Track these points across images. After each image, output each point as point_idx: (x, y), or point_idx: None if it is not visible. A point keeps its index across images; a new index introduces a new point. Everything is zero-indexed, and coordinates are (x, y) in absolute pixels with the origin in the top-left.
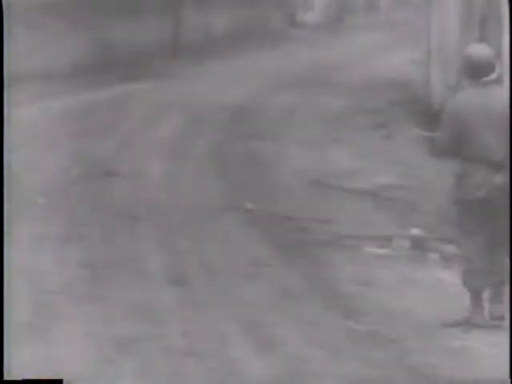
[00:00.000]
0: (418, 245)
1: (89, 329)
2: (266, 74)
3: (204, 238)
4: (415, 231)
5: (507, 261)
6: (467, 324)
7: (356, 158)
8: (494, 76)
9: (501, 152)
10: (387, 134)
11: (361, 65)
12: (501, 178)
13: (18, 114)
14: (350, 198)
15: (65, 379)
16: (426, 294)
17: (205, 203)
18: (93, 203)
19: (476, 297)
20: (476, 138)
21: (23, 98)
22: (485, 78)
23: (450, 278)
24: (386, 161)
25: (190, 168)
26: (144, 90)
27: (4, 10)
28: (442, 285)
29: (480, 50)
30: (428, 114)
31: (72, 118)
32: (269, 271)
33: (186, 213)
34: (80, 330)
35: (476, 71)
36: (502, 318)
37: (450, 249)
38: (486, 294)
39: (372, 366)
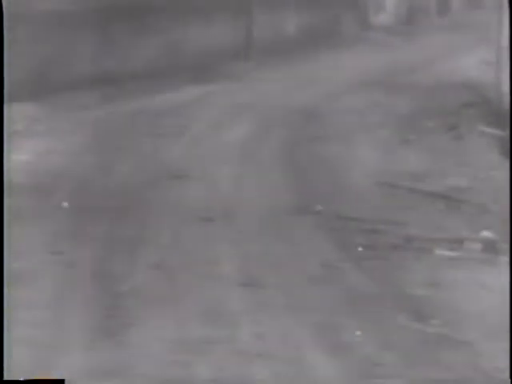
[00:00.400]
0: (489, 247)
1: (161, 332)
2: (337, 76)
3: (274, 240)
4: (486, 233)
5: None
6: None
7: (426, 159)
8: None
9: None
10: (458, 135)
11: (432, 66)
12: None
13: (86, 117)
14: (420, 200)
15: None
16: (497, 297)
17: (275, 205)
18: (164, 205)
19: None
20: None
21: (91, 101)
22: None
23: None
24: (456, 162)
25: (260, 170)
26: (215, 92)
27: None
28: None
29: None
30: (499, 115)
31: (142, 120)
32: (339, 273)
33: (257, 215)
34: (152, 333)
35: None
36: None
37: None
38: None
39: (443, 368)
